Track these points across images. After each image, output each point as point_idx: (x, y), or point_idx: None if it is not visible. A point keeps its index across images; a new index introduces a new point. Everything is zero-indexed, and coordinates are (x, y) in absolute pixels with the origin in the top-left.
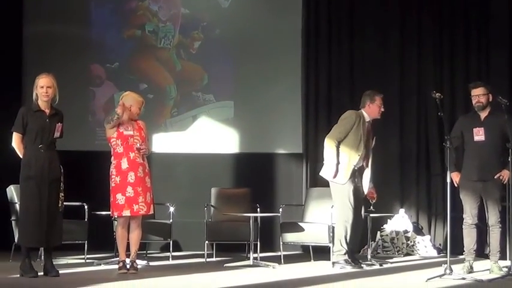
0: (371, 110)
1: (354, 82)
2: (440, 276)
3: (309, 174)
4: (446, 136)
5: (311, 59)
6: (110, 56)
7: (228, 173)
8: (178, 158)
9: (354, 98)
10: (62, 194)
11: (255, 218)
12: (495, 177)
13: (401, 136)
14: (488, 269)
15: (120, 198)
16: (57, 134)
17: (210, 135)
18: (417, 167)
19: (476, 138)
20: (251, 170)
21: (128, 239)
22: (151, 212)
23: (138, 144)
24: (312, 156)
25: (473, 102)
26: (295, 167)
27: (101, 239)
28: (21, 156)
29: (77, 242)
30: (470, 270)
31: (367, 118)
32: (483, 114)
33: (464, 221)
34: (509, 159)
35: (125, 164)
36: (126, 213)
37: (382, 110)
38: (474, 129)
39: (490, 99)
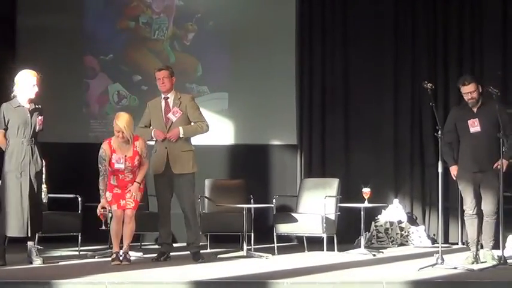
0: None
1: (348, 73)
2: (432, 265)
3: (303, 165)
4: (437, 126)
5: (305, 51)
6: (103, 48)
7: (222, 164)
8: None
9: (348, 89)
10: (45, 186)
11: (249, 209)
12: (493, 167)
13: (395, 127)
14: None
15: (108, 195)
16: (39, 127)
17: None
18: (411, 157)
19: (472, 129)
20: (245, 161)
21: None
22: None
23: (129, 189)
24: (306, 147)
25: (466, 98)
26: (289, 158)
27: (95, 231)
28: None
29: (70, 234)
30: (474, 260)
31: (164, 95)
32: (476, 106)
33: (465, 212)
34: (503, 149)
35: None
36: (113, 207)
37: (162, 83)
38: (469, 120)
39: (480, 90)
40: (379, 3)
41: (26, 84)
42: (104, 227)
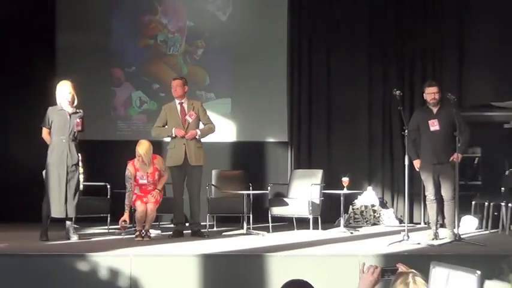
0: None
1: (330, 83)
2: (399, 241)
3: (293, 158)
4: (404, 126)
5: (294, 63)
6: (127, 62)
7: (226, 157)
8: None
9: (330, 95)
10: (83, 176)
11: (248, 194)
12: (450, 159)
13: (369, 126)
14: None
15: (133, 196)
16: (78, 128)
17: None
18: (382, 152)
19: (432, 128)
20: (245, 155)
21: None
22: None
23: (152, 193)
24: (296, 143)
25: (429, 98)
26: (281, 152)
27: (121, 212)
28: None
29: (101, 215)
30: (434, 237)
31: (178, 100)
32: (435, 108)
33: (426, 197)
34: (458, 145)
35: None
36: (137, 203)
37: (175, 90)
38: (429, 121)
39: (441, 96)
40: (357, 32)
41: (62, 91)
42: (122, 234)
